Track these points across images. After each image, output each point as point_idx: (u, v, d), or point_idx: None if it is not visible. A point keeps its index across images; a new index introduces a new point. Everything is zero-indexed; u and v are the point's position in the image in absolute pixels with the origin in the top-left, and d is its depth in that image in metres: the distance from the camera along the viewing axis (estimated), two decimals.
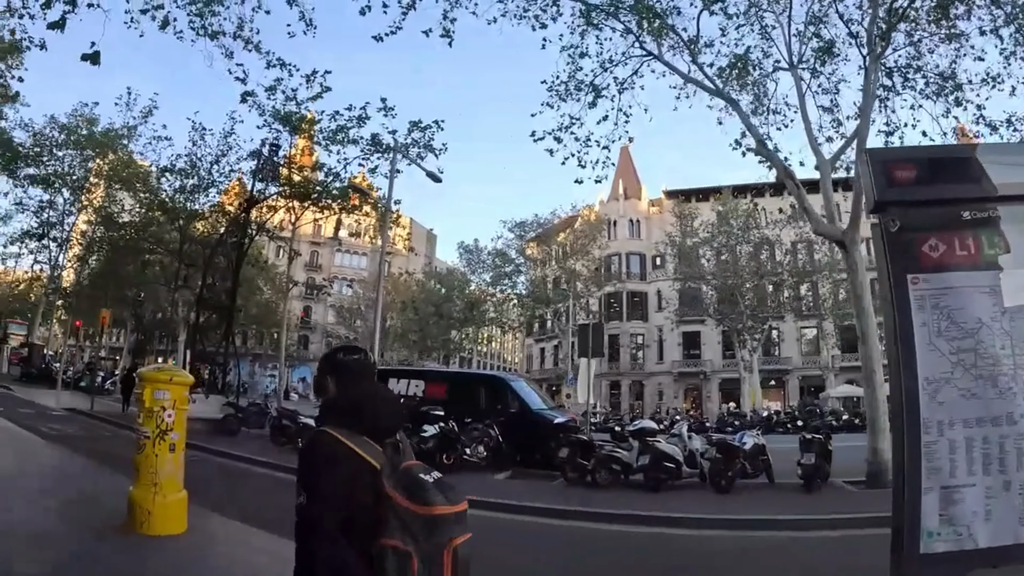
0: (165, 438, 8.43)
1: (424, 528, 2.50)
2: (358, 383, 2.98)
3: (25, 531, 7.98)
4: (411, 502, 2.52)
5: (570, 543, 11.17)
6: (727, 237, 53.59)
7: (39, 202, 42.52)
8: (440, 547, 2.50)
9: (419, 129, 24.77)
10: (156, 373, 8.92)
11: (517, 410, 20.30)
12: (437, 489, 2.59)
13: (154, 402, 8.40)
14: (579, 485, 15.86)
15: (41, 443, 17.18)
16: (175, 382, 8.67)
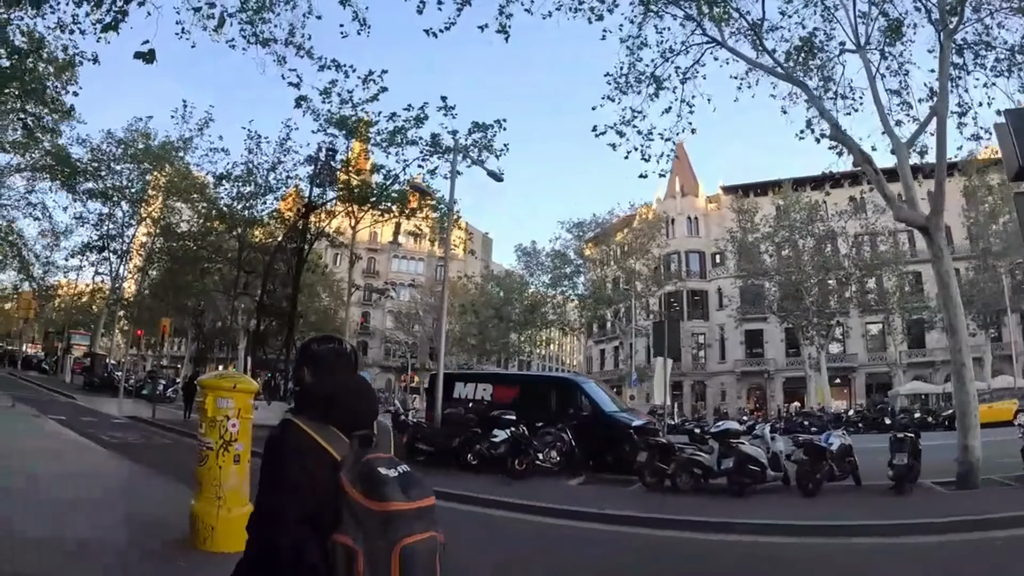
0: (229, 449, 7.98)
1: (377, 524, 2.41)
2: (332, 373, 2.94)
3: (79, 544, 7.69)
4: (365, 497, 2.44)
5: (652, 553, 10.53)
6: (790, 231, 52.25)
7: (99, 215, 42.93)
8: (391, 545, 2.38)
9: (480, 129, 24.43)
10: (219, 380, 8.46)
11: (590, 413, 19.73)
12: (397, 484, 2.48)
13: (217, 411, 7.97)
14: (658, 490, 15.25)
15: (101, 451, 17.01)
16: (239, 389, 8.14)
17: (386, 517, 2.40)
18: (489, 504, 13.40)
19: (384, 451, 2.72)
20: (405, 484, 2.50)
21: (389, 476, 2.49)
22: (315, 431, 2.67)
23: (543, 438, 17.71)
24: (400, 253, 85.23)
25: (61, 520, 8.70)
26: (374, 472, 2.48)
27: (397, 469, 2.55)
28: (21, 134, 35.11)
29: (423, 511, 2.50)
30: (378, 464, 2.53)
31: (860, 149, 18.46)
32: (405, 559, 2.37)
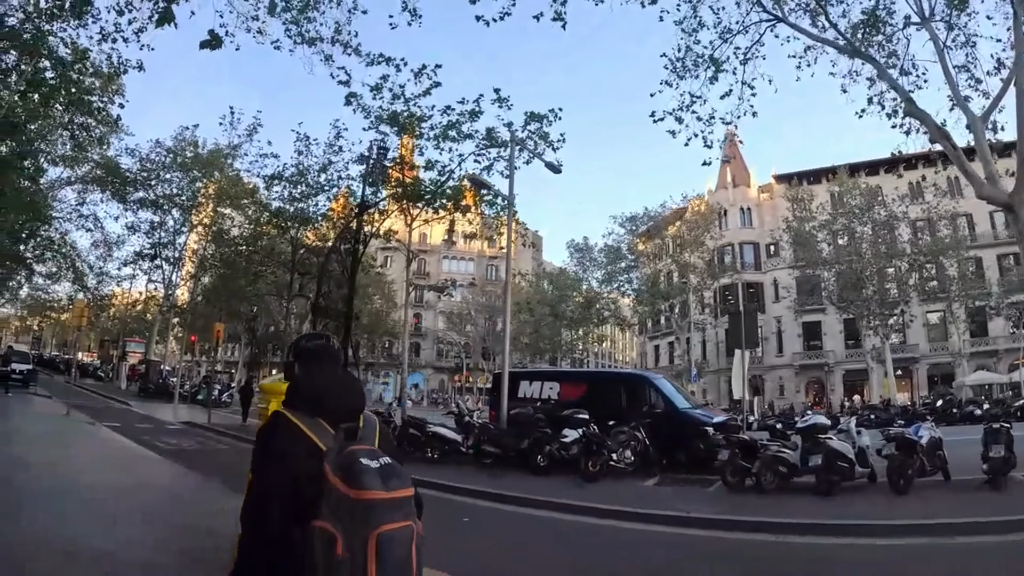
0: None
1: (353, 512, 2.46)
2: (320, 368, 3.09)
3: (127, 561, 7.34)
4: (345, 485, 2.49)
5: (743, 558, 9.84)
6: (848, 218, 50.84)
7: (150, 223, 43.12)
8: (368, 532, 2.43)
9: (535, 119, 23.74)
10: (280, 384, 7.61)
11: (663, 410, 19.01)
12: (376, 475, 2.53)
13: None
14: (740, 490, 14.52)
15: (156, 459, 16.68)
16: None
17: (364, 505, 2.46)
18: (563, 508, 12.76)
19: (368, 443, 2.81)
20: (385, 475, 2.55)
21: (370, 466, 2.54)
22: (303, 423, 2.80)
23: (616, 437, 16.98)
24: (450, 254, 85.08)
25: (106, 533, 8.37)
26: (355, 462, 2.55)
27: (379, 460, 2.60)
28: (70, 146, 35.28)
29: (401, 501, 2.55)
30: (360, 455, 2.59)
31: (936, 124, 17.60)
32: (381, 545, 2.42)
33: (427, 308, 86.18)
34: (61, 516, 9.36)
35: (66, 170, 41.49)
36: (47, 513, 9.72)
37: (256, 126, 36.79)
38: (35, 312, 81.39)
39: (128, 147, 40.84)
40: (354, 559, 2.39)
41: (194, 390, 45.49)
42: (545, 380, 22.07)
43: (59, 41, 21.42)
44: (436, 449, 18.94)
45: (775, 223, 63.93)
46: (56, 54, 21.83)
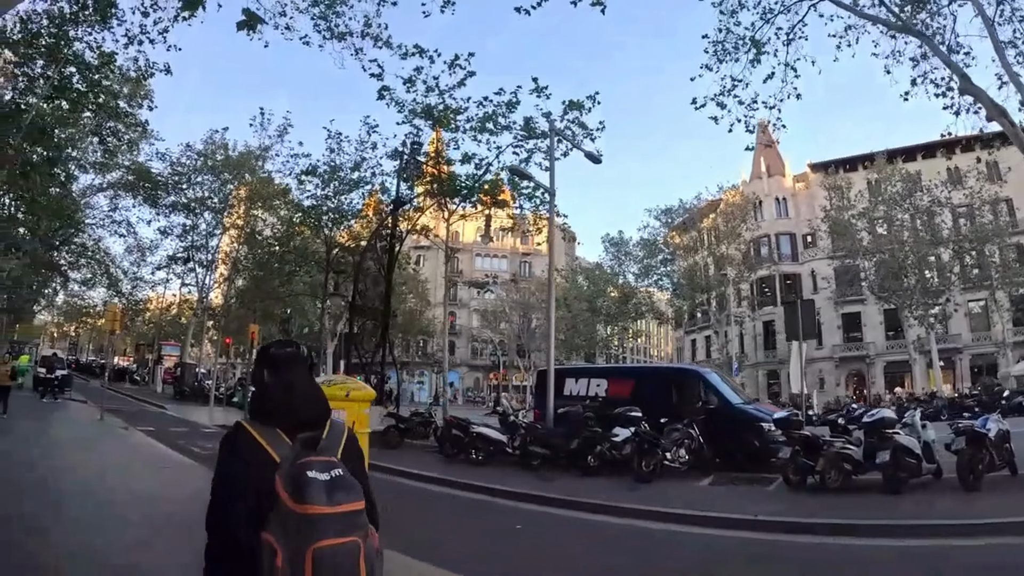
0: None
1: (295, 525, 2.43)
2: (285, 376, 2.96)
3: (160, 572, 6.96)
4: (290, 498, 2.47)
5: (813, 565, 9.20)
6: (889, 205, 49.67)
7: (182, 227, 43.00)
8: (305, 546, 2.39)
9: (574, 108, 23.09)
10: (329, 388, 7.04)
11: (716, 406, 18.19)
12: (323, 488, 2.49)
13: None
14: (802, 489, 13.87)
15: (190, 464, 16.08)
16: (354, 398, 6.91)
17: (305, 519, 2.43)
18: (619, 512, 12.15)
19: (330, 453, 2.75)
20: (331, 488, 2.51)
21: (316, 479, 2.51)
22: (260, 433, 2.79)
23: (670, 435, 16.30)
24: (484, 251, 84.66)
25: (135, 547, 8.01)
26: (302, 475, 2.51)
27: (330, 473, 2.57)
28: (100, 152, 35.25)
29: (346, 516, 2.50)
30: (309, 467, 2.55)
31: (993, 101, 16.80)
32: (316, 561, 2.38)
33: (461, 306, 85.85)
34: (90, 526, 9.01)
35: (97, 176, 41.58)
36: (76, 523, 9.38)
37: (287, 127, 36.59)
38: (72, 318, 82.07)
39: (159, 151, 40.82)
40: (293, 572, 2.39)
41: (229, 392, 45.36)
42: (592, 377, 21.35)
43: (84, 46, 21.34)
44: (481, 450, 18.30)
45: (811, 213, 62.65)
46: (81, 58, 21.78)
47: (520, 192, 24.72)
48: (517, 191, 24.73)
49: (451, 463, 18.42)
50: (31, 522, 8.97)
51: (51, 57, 21.96)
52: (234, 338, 51.67)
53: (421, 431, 23.37)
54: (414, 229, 28.24)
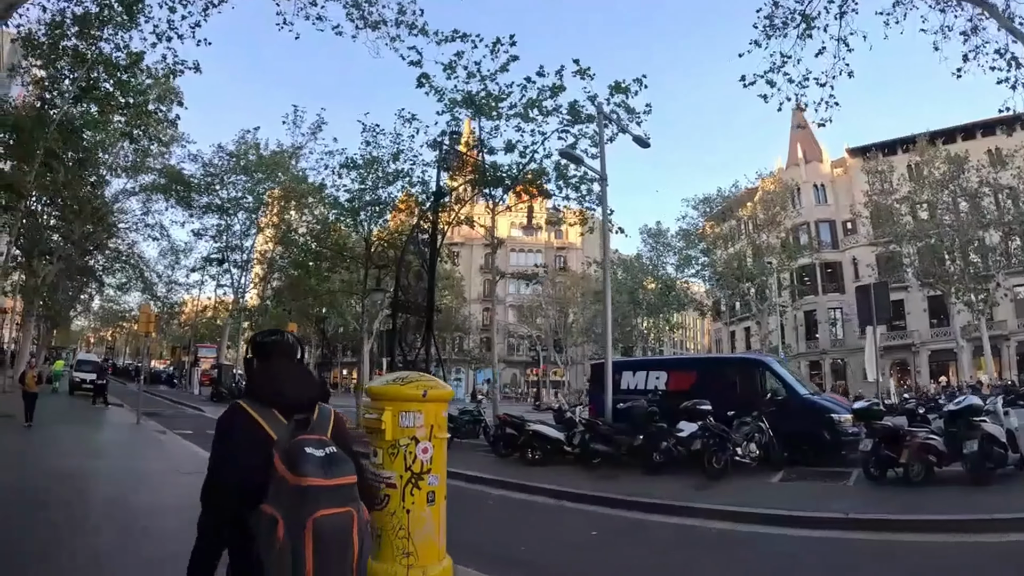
0: (420, 484, 5.81)
1: (293, 497, 2.62)
2: (272, 361, 3.24)
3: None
4: (288, 471, 2.67)
5: (934, 567, 8.38)
6: (936, 188, 48.22)
7: (216, 228, 42.65)
8: (305, 516, 2.59)
9: (620, 91, 22.18)
10: (401, 387, 6.10)
11: (784, 398, 17.23)
12: (319, 463, 2.72)
13: (401, 431, 5.82)
14: (883, 483, 13.13)
15: None
16: (432, 398, 5.96)
17: (303, 491, 2.62)
18: (696, 513, 11.30)
19: (320, 433, 2.97)
20: (327, 463, 2.74)
21: (313, 455, 2.73)
22: (257, 413, 3.01)
23: (739, 429, 15.41)
24: (518, 246, 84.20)
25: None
26: (300, 451, 2.72)
27: (324, 450, 2.79)
28: (131, 150, 35.33)
29: (341, 488, 2.72)
30: (305, 444, 2.77)
31: None
32: (316, 529, 2.58)
33: (497, 302, 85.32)
34: (119, 548, 8.17)
35: (129, 180, 41.68)
36: (118, 529, 8.89)
37: (320, 123, 36.03)
38: (108, 323, 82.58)
39: (190, 153, 40.71)
40: (294, 541, 2.56)
41: None
42: (651, 369, 20.33)
43: (112, 47, 21.33)
44: (537, 449, 17.39)
45: (851, 199, 61.85)
46: (109, 59, 21.70)
47: (567, 182, 23.77)
48: (563, 180, 23.77)
49: (505, 463, 17.68)
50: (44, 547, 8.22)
51: (77, 59, 21.86)
52: None
53: (470, 429, 22.60)
54: (458, 220, 27.44)
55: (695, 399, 16.20)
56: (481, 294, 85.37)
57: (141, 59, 21.45)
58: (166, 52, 19.10)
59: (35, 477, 12.87)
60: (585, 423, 17.52)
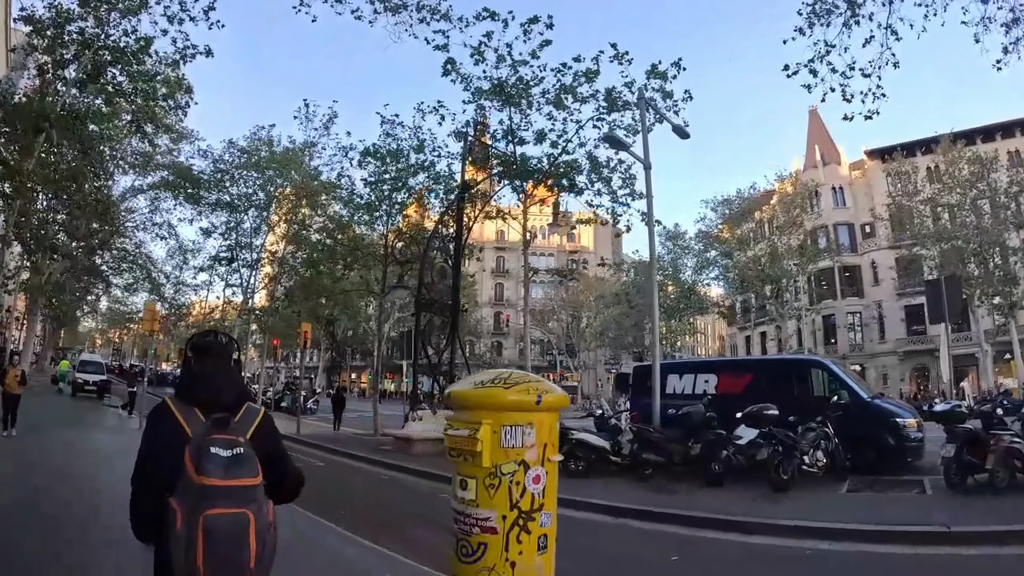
0: (530, 527, 4.46)
1: (193, 493, 2.74)
2: (206, 361, 3.31)
3: None
4: (192, 468, 2.79)
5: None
6: (965, 188, 46.68)
7: (226, 225, 41.58)
8: (199, 513, 2.69)
9: (658, 76, 20.95)
10: (504, 391, 4.67)
11: (848, 402, 16.05)
12: (220, 463, 2.80)
13: (504, 454, 4.45)
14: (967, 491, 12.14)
15: None
16: (546, 405, 4.58)
17: (201, 489, 2.73)
18: (774, 531, 10.12)
19: (240, 434, 3.02)
20: (229, 464, 2.82)
21: (218, 455, 2.81)
22: (179, 410, 3.13)
23: (805, 435, 14.18)
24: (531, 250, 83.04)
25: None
26: (206, 451, 2.81)
27: (232, 450, 2.86)
28: (138, 144, 35.53)
29: (238, 489, 2.80)
30: (213, 444, 2.85)
31: None
32: (206, 525, 2.68)
33: (508, 306, 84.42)
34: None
35: (137, 178, 41.41)
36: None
37: (332, 116, 34.79)
38: (115, 324, 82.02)
39: (200, 149, 39.68)
40: (189, 534, 2.68)
41: (277, 397, 44.05)
42: (699, 372, 19.12)
43: (121, 33, 20.82)
44: (581, 459, 15.96)
45: (870, 202, 61.19)
46: (116, 45, 21.06)
47: (600, 175, 22.48)
48: (596, 174, 22.47)
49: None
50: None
51: (83, 44, 21.01)
52: (281, 340, 50.36)
53: None
54: (487, 215, 26.22)
55: (749, 403, 15.16)
56: (492, 298, 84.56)
57: (151, 44, 20.62)
58: (176, 36, 18.80)
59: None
60: (636, 431, 16.18)
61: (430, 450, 20.00)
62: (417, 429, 21.44)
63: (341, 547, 8.36)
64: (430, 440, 20.41)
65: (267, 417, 3.35)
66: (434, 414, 22.45)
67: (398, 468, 17.62)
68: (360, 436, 26.48)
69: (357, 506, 12.22)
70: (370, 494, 14.56)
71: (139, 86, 22.09)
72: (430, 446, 20.18)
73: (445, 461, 14.95)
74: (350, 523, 9.62)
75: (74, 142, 25.68)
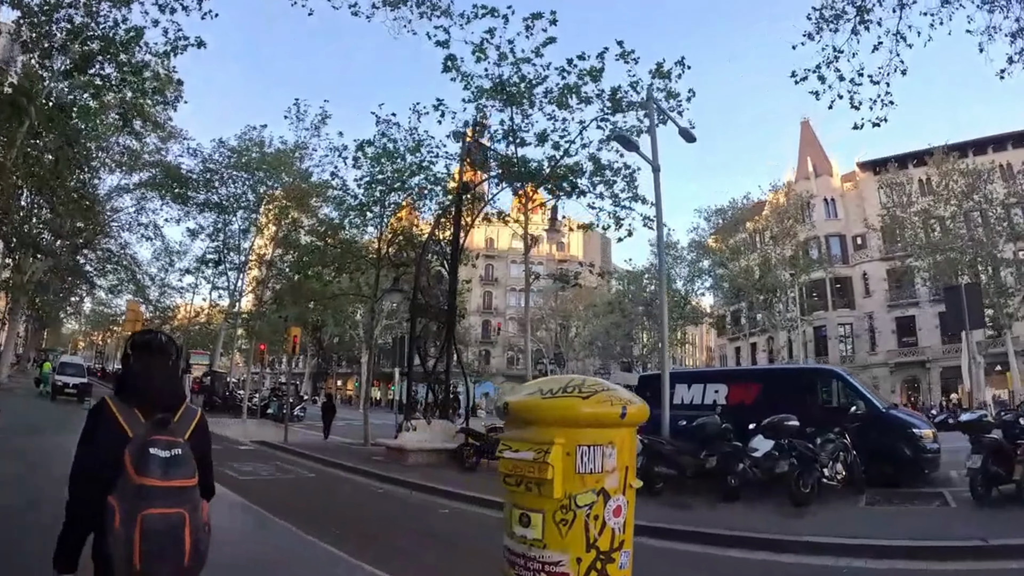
0: (609, 570, 3.72)
1: (132, 493, 2.85)
2: (146, 361, 3.36)
3: None
4: (132, 468, 2.89)
5: None
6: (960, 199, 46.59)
7: (214, 226, 40.81)
8: (137, 512, 2.80)
9: (662, 76, 20.42)
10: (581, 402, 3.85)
11: (863, 412, 15.68)
12: (159, 464, 2.92)
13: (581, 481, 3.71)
14: (993, 503, 11.84)
15: (233, 500, 11.61)
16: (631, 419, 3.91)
17: (139, 489, 2.85)
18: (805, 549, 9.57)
19: (178, 435, 3.12)
20: (167, 465, 2.94)
21: (157, 456, 2.93)
22: (119, 410, 3.20)
23: (824, 447, 13.65)
24: (517, 258, 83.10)
25: None
26: (145, 451, 2.93)
27: (171, 451, 2.98)
28: (124, 141, 34.73)
29: (175, 490, 2.92)
30: (152, 445, 2.96)
31: None
32: (144, 524, 2.79)
33: (497, 314, 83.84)
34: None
35: (124, 177, 40.37)
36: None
37: (324, 116, 34.18)
38: (99, 326, 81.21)
39: (190, 147, 39.31)
40: (127, 533, 2.78)
41: (263, 403, 43.20)
42: (708, 382, 18.67)
43: (111, 22, 19.92)
44: None
45: (861, 213, 61.75)
46: (103, 32, 20.24)
47: (603, 178, 21.86)
48: (599, 176, 21.84)
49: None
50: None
51: (71, 33, 20.26)
52: (268, 345, 49.56)
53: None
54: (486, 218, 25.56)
55: (762, 414, 14.79)
56: (481, 306, 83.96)
57: (141, 35, 19.78)
58: (168, 26, 18.11)
59: None
60: (646, 443, 15.52)
61: (424, 461, 19.49)
62: (411, 439, 20.63)
63: (331, 568, 7.61)
64: (424, 451, 19.92)
65: (203, 418, 3.48)
66: (428, 424, 21.79)
67: (392, 480, 16.60)
68: (350, 445, 25.64)
69: (349, 520, 11.48)
70: (363, 508, 13.68)
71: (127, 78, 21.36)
72: (424, 457, 19.69)
73: (440, 472, 14.11)
74: (342, 540, 8.86)
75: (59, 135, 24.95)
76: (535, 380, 4.76)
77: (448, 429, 21.83)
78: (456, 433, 20.88)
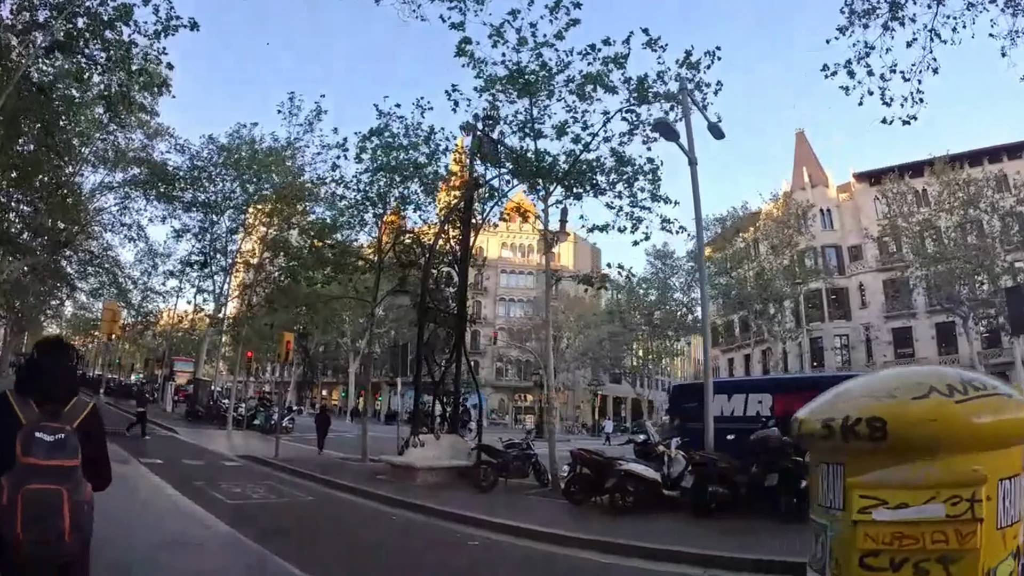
0: None
1: (19, 471, 3.33)
2: (46, 360, 3.84)
3: None
4: (20, 449, 3.37)
5: None
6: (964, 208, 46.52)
7: (200, 224, 39.33)
8: (19, 489, 3.27)
9: (690, 66, 18.81)
10: (1005, 402, 2.71)
11: None
12: (43, 447, 3.39)
13: (1002, 543, 2.45)
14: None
15: (223, 533, 10.19)
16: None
17: (25, 467, 3.33)
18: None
19: (67, 422, 3.58)
20: (51, 448, 3.40)
21: (42, 440, 3.41)
22: (15, 401, 3.61)
23: None
24: (509, 268, 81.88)
25: None
26: (31, 435, 3.41)
27: (55, 436, 3.45)
28: (108, 135, 33.80)
29: (55, 469, 3.39)
30: (38, 430, 3.45)
31: None
32: (24, 498, 3.26)
33: (486, 324, 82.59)
34: None
35: (107, 175, 38.99)
36: None
37: (319, 112, 32.64)
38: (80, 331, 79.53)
39: (177, 143, 38.29)
40: (10, 506, 3.24)
41: (249, 414, 41.34)
42: (750, 392, 17.09)
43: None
44: (628, 493, 13.94)
45: (858, 224, 62.43)
46: (88, 8, 19.25)
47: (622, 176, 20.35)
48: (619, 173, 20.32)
49: (584, 512, 14.22)
50: None
51: (56, 8, 19.28)
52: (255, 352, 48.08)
53: (519, 467, 18.92)
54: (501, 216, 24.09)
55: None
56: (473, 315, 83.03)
57: (131, 13, 18.54)
58: (159, 2, 17.65)
59: None
60: (697, 460, 14.05)
61: (434, 480, 18.11)
62: (420, 456, 18.95)
63: None
64: (435, 469, 18.52)
65: (95, 410, 3.89)
66: (437, 438, 20.26)
67: (404, 504, 14.61)
68: (348, 461, 23.59)
69: (367, 563, 9.60)
70: (379, 542, 11.51)
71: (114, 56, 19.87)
72: (434, 476, 18.30)
73: (455, 494, 12.05)
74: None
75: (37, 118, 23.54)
76: (891, 378, 3.24)
77: (459, 444, 20.42)
78: (472, 450, 19.40)
